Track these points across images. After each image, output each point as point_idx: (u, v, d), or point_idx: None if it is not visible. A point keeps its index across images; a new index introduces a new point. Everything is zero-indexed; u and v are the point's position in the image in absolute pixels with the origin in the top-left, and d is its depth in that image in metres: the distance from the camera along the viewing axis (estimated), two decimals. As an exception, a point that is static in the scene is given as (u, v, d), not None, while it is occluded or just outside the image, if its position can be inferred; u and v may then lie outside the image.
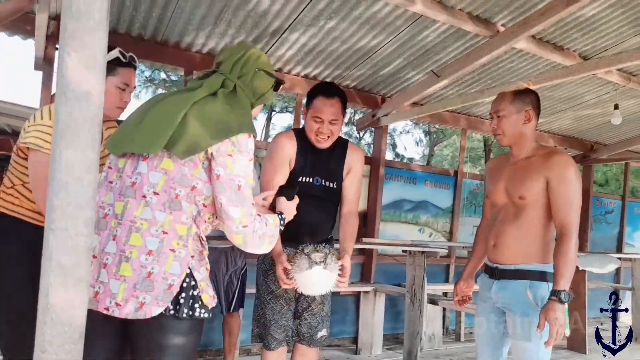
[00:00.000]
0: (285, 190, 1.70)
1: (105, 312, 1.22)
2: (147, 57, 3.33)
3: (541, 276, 1.80)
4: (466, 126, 4.86)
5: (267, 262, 2.09)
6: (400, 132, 14.10)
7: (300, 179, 2.05)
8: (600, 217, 6.18)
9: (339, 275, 1.87)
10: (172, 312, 1.24)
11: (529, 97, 1.89)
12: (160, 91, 12.06)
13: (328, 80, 3.90)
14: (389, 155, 13.45)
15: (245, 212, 1.33)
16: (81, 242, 0.73)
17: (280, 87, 1.61)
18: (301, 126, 2.21)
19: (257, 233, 1.36)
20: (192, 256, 1.31)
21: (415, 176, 4.77)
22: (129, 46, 3.17)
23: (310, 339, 2.09)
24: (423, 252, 3.49)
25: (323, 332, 2.12)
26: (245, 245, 1.37)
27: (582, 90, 4.14)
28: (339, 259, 1.90)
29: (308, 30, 3.12)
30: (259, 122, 14.18)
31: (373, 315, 3.98)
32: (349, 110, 2.15)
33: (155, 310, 1.22)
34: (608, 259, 4.30)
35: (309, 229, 1.98)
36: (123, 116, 1.65)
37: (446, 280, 4.88)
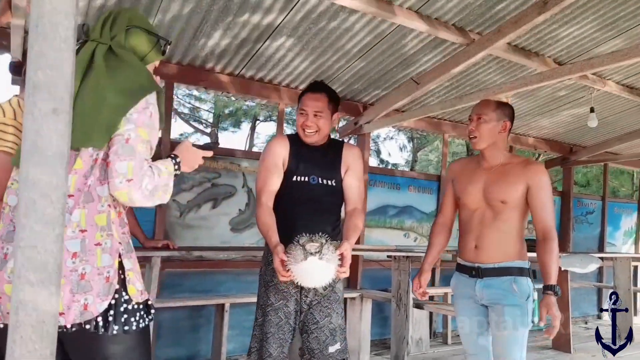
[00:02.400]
0: (206, 145, 1.49)
1: None
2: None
3: (520, 272, 1.98)
4: (447, 131, 4.93)
5: (269, 274, 2.03)
6: (384, 139, 14.19)
7: (294, 179, 2.01)
8: (582, 217, 6.29)
9: (339, 265, 1.80)
10: (103, 329, 1.19)
11: (508, 110, 2.05)
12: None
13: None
14: (374, 162, 13.54)
15: (134, 165, 1.21)
16: (50, 259, 0.73)
17: (167, 48, 1.47)
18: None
19: (146, 188, 1.23)
20: (120, 243, 1.25)
21: (399, 182, 4.82)
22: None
23: (321, 354, 1.99)
24: (408, 257, 3.51)
25: (336, 346, 2.02)
26: (130, 201, 1.24)
27: (559, 95, 4.23)
28: (338, 248, 1.81)
29: (287, 40, 3.15)
30: (243, 132, 14.13)
31: (360, 321, 3.99)
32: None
33: (100, 307, 1.18)
34: (590, 259, 4.37)
35: (309, 232, 1.84)
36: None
37: (431, 284, 4.91)
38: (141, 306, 1.27)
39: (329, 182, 2.05)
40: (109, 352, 1.21)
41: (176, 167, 1.35)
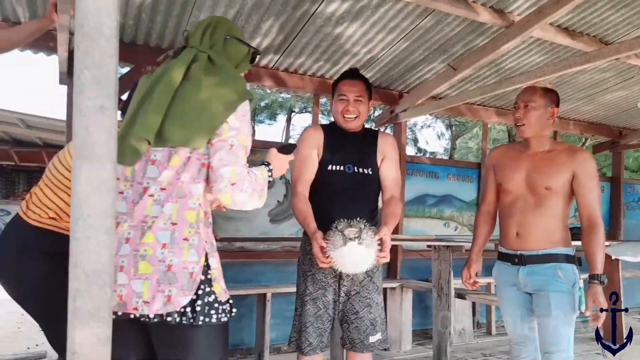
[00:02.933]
0: (282, 147, 1.60)
1: (134, 312, 1.22)
2: (166, 66, 3.41)
3: (567, 259, 1.94)
4: (487, 118, 4.80)
5: (307, 263, 2.06)
6: (422, 127, 13.96)
7: (330, 168, 2.03)
8: (633, 204, 5.99)
9: (379, 250, 1.79)
10: (189, 320, 1.23)
11: (555, 96, 2.02)
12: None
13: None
14: (411, 151, 13.36)
15: (237, 170, 1.29)
16: (103, 251, 0.77)
17: (256, 60, 1.57)
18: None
19: (247, 191, 1.31)
20: (206, 242, 1.30)
21: (438, 170, 4.74)
22: (148, 56, 3.28)
23: (362, 344, 2.01)
24: (448, 246, 3.46)
25: (377, 337, 2.03)
26: (233, 204, 1.32)
27: (606, 76, 4.02)
28: (377, 233, 1.81)
29: (321, 31, 3.14)
30: (279, 124, 14.27)
31: (401, 311, 3.97)
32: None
33: (183, 301, 1.22)
34: (642, 247, 4.16)
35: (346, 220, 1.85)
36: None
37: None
38: (224, 304, 1.31)
39: (365, 171, 2.05)
40: (193, 341, 1.25)
41: (269, 173, 1.45)
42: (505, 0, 2.86)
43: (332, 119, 2.21)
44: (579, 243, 1.96)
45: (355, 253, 1.74)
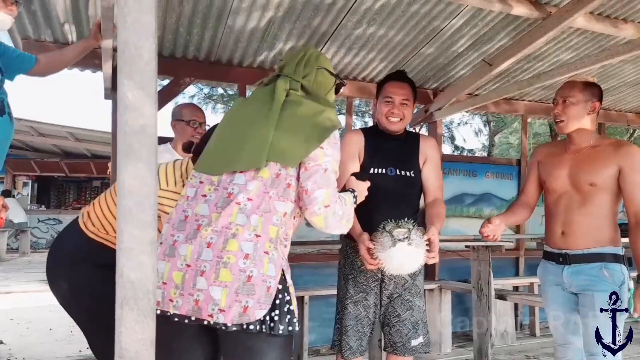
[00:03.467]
0: (356, 175, 1.70)
1: (208, 319, 1.23)
2: (204, 77, 3.53)
3: (615, 258, 1.89)
4: (526, 112, 4.66)
5: (348, 266, 2.07)
6: (458, 124, 13.67)
7: (371, 171, 2.03)
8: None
9: (427, 250, 1.77)
10: (269, 329, 1.24)
11: (596, 90, 1.97)
12: (219, 106, 12.54)
13: (378, 79, 3.92)
14: (448, 149, 13.13)
15: (330, 193, 1.35)
16: (145, 259, 0.82)
17: (341, 90, 1.64)
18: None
19: (338, 214, 1.37)
20: (283, 259, 1.33)
21: (475, 168, 4.65)
22: (186, 68, 3.39)
23: (404, 347, 2.00)
24: (487, 246, 3.39)
25: (419, 340, 2.02)
26: (326, 227, 1.37)
27: (654, 63, 3.83)
28: (425, 233, 1.79)
29: (352, 34, 3.15)
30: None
31: (440, 313, 3.93)
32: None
33: (259, 314, 1.23)
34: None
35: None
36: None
37: (516, 274, 4.70)
38: (294, 317, 1.33)
39: (407, 173, 2.05)
40: (269, 350, 1.28)
41: (354, 199, 1.55)
42: (540, -8, 2.78)
43: (365, 121, 2.22)
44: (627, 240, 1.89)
45: (404, 254, 1.72)
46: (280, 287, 1.28)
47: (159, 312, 1.29)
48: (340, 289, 2.10)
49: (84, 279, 1.75)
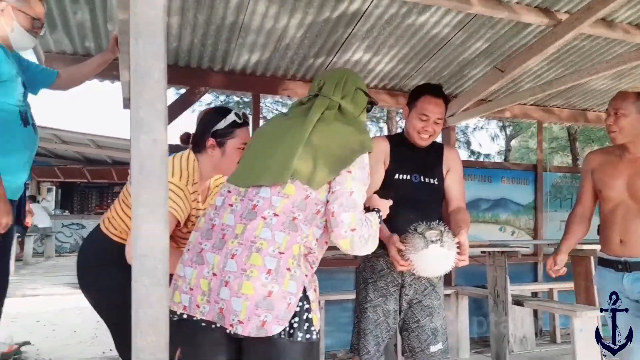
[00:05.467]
0: (378, 193, 1.70)
1: (230, 328, 1.26)
2: (218, 86, 3.62)
3: None
4: (541, 118, 4.64)
5: (367, 270, 2.08)
6: (474, 129, 13.55)
7: (397, 177, 2.05)
8: None
9: (457, 253, 1.76)
10: (288, 335, 1.26)
11: None
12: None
13: (390, 86, 3.96)
14: (464, 154, 13.02)
15: (356, 216, 1.35)
16: (159, 265, 0.87)
17: (372, 109, 1.67)
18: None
19: (364, 237, 1.37)
20: (306, 275, 1.33)
21: (490, 174, 4.63)
22: (201, 78, 3.48)
23: (423, 353, 2.00)
24: (503, 252, 3.38)
25: (438, 346, 2.01)
26: (352, 249, 1.37)
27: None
28: (455, 236, 1.79)
29: (363, 43, 3.20)
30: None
31: (457, 318, 3.92)
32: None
33: (276, 329, 1.24)
34: None
35: (411, 229, 1.84)
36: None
37: (534, 280, 4.66)
38: (312, 326, 1.34)
39: (431, 180, 2.07)
40: (290, 356, 1.29)
41: (379, 220, 1.53)
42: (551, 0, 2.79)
43: (380, 126, 2.25)
44: None
45: (437, 255, 1.71)
46: (300, 295, 1.30)
47: (185, 316, 1.34)
48: (359, 293, 2.11)
49: (112, 280, 1.80)
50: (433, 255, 1.71)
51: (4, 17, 1.93)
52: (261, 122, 4.11)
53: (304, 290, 1.31)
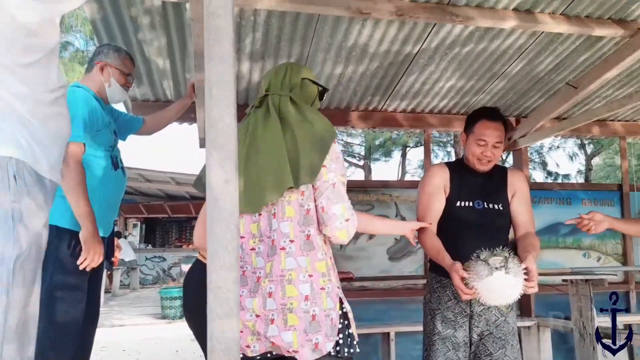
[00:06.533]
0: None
1: (286, 354, 1.33)
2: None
3: None
4: (624, 133, 4.32)
5: (434, 301, 2.04)
6: (549, 148, 12.83)
7: (458, 204, 2.02)
8: None
9: (525, 280, 1.70)
10: (336, 352, 1.32)
11: None
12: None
13: (455, 110, 3.91)
14: (539, 176, 12.33)
15: (346, 206, 1.39)
16: (231, 296, 0.93)
17: (324, 96, 1.66)
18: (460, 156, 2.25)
19: (355, 225, 1.41)
20: (339, 287, 1.39)
21: (570, 196, 4.35)
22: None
23: None
24: (587, 280, 3.14)
25: None
26: (348, 239, 1.41)
27: None
28: (521, 262, 1.72)
29: (425, 69, 3.21)
30: (394, 160, 14.25)
31: (539, 354, 3.65)
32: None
33: (329, 346, 1.31)
34: None
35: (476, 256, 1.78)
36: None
37: (627, 310, 4.24)
38: (354, 340, 1.40)
39: (495, 206, 2.01)
40: None
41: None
42: (624, 9, 2.65)
43: (447, 150, 2.24)
44: None
45: (502, 283, 1.65)
46: (340, 312, 1.35)
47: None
48: (427, 325, 2.06)
49: None
50: (498, 283, 1.65)
51: (103, 74, 2.19)
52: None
53: (340, 302, 1.36)
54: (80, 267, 1.88)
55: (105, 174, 2.11)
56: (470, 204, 2.01)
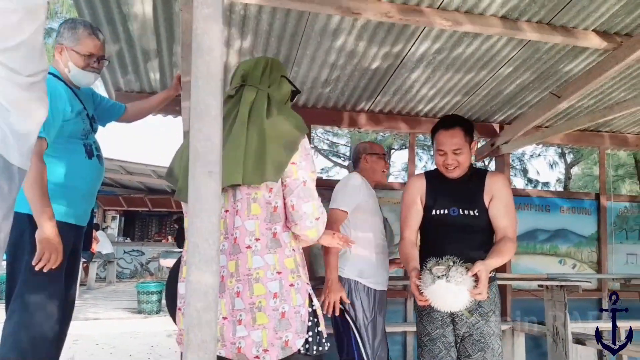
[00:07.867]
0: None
1: None
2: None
3: None
4: (602, 144, 4.42)
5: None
6: (531, 156, 13.05)
7: (434, 212, 2.07)
8: None
9: (474, 287, 1.73)
10: (305, 350, 1.31)
11: None
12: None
13: (441, 114, 3.94)
14: (520, 182, 12.54)
15: (316, 205, 1.38)
16: (210, 290, 0.92)
17: (295, 98, 1.65)
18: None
19: (325, 222, 1.41)
20: (307, 283, 1.38)
21: (548, 202, 4.43)
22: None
23: None
24: (562, 286, 3.20)
25: None
26: (317, 238, 1.41)
27: None
28: (470, 269, 1.75)
29: (413, 72, 3.23)
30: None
31: (513, 357, 3.71)
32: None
33: (299, 343, 1.29)
34: None
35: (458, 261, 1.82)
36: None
37: (598, 317, 4.33)
38: (323, 338, 1.39)
39: (471, 212, 2.03)
40: None
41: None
42: (608, 22, 2.70)
43: (432, 155, 2.26)
44: None
45: (444, 291, 1.71)
46: (309, 310, 1.34)
47: None
48: (417, 326, 2.12)
49: None
50: (441, 291, 1.71)
51: (62, 58, 1.99)
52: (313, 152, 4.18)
53: (310, 299, 1.35)
54: (36, 268, 1.74)
55: (77, 163, 1.99)
56: (446, 211, 2.05)
